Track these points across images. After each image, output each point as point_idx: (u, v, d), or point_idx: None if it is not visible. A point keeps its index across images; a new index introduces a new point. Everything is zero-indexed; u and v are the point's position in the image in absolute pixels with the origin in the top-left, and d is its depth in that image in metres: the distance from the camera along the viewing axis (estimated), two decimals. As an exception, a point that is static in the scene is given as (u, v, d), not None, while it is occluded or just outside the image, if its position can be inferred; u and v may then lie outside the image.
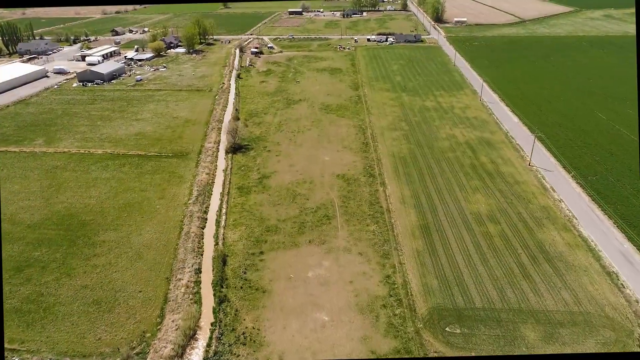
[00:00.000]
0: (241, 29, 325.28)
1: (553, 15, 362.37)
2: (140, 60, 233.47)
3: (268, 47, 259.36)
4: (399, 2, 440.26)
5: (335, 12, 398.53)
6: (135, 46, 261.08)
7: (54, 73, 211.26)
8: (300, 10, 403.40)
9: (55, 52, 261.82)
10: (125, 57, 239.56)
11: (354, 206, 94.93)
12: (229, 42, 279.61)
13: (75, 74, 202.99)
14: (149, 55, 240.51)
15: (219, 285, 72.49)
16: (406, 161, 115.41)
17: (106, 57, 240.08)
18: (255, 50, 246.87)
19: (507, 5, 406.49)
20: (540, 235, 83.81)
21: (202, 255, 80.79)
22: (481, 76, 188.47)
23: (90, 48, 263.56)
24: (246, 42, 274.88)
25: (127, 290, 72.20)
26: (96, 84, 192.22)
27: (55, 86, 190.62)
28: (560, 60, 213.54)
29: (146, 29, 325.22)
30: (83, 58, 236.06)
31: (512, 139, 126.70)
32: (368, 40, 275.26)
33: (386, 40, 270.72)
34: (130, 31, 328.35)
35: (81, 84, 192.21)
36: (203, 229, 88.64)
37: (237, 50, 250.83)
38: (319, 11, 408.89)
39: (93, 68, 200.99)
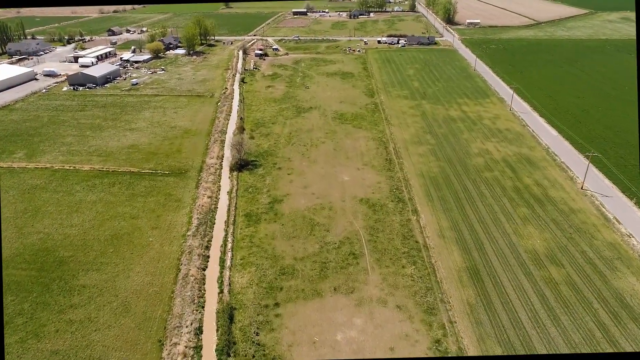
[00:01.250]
0: (244, 30, 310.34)
1: (569, 18, 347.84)
2: (137, 62, 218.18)
3: (273, 49, 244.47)
4: (406, 3, 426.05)
5: (341, 13, 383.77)
6: (132, 47, 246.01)
7: (44, 75, 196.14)
8: (305, 10, 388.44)
9: (47, 53, 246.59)
10: (121, 58, 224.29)
11: (384, 241, 79.81)
12: (232, 43, 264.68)
13: (66, 77, 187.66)
14: (146, 56, 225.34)
15: (225, 352, 57.30)
16: (438, 182, 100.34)
17: (101, 58, 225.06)
18: (260, 52, 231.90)
19: (518, 7, 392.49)
20: (616, 283, 68.71)
21: (203, 307, 65.59)
22: (507, 82, 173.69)
23: (84, 49, 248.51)
24: (250, 44, 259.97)
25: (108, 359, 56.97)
26: (88, 88, 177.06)
27: (44, 90, 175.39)
28: (588, 65, 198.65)
29: (144, 29, 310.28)
30: (76, 59, 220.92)
31: (556, 156, 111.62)
32: (378, 42, 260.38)
33: (397, 43, 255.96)
34: (128, 31, 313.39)
35: (72, 87, 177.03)
36: (204, 270, 73.47)
37: (240, 52, 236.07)
38: (324, 11, 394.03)
39: (85, 70, 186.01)
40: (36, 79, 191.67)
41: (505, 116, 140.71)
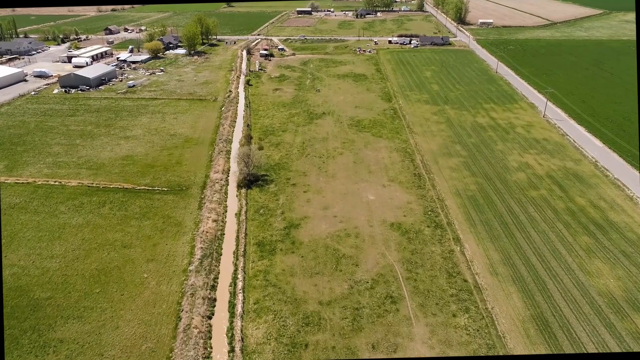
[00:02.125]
0: (247, 29, 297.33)
1: (583, 18, 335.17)
2: (134, 62, 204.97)
3: (279, 49, 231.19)
4: (414, 2, 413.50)
5: (347, 12, 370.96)
6: (130, 46, 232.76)
7: (34, 76, 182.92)
8: (310, 9, 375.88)
9: (39, 52, 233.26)
10: (117, 58, 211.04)
11: (426, 279, 66.51)
12: (234, 42, 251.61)
13: (57, 78, 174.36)
14: (144, 56, 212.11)
15: None
16: (478, 203, 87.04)
17: (96, 58, 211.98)
18: (265, 52, 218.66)
19: (529, 7, 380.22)
20: None
21: (210, 373, 52.28)
22: (534, 85, 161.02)
23: (79, 48, 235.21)
24: (254, 43, 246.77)
25: None
26: (81, 90, 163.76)
27: (33, 92, 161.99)
28: (617, 67, 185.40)
29: (143, 28, 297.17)
30: (69, 59, 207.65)
31: (607, 172, 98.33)
32: (389, 42, 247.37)
33: (410, 43, 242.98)
34: (126, 30, 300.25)
35: (63, 90, 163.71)
36: (210, 318, 60.08)
37: (244, 52, 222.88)
38: (330, 10, 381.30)
39: (78, 71, 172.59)
40: (26, 80, 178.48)
41: (540, 124, 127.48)
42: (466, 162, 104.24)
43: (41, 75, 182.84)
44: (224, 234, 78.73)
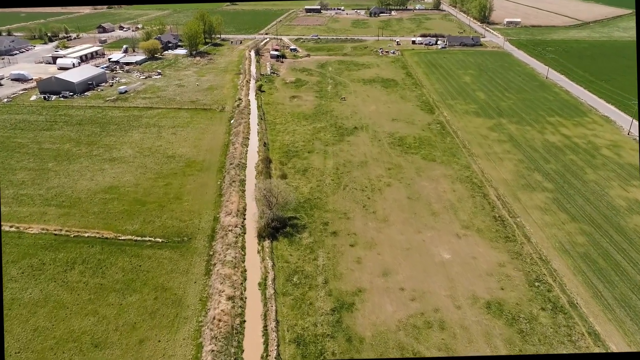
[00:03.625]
0: (253, 28, 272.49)
1: (615, 17, 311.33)
2: (128, 64, 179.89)
3: (291, 50, 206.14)
4: (429, 0, 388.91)
5: (359, 11, 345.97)
6: (124, 46, 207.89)
7: (11, 80, 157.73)
8: (319, 7, 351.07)
9: (22, 52, 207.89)
10: (109, 59, 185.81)
11: (575, 418, 41.41)
12: (241, 42, 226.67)
13: (37, 83, 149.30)
14: (140, 57, 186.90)
15: None
16: (599, 266, 61.97)
17: (85, 59, 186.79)
18: (276, 53, 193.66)
19: (549, 6, 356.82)
20: None
21: None
22: (597, 94, 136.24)
23: (67, 47, 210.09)
24: (262, 43, 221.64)
25: None
26: (63, 96, 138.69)
27: (6, 100, 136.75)
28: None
29: (140, 26, 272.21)
30: (54, 60, 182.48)
31: None
32: (413, 42, 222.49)
33: (436, 43, 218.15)
34: (121, 28, 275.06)
35: (42, 96, 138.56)
36: None
37: (253, 53, 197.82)
38: (340, 9, 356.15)
39: (60, 75, 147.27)
40: (0, 85, 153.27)
41: (628, 144, 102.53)
42: (557, 199, 79.13)
43: (19, 79, 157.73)
44: (244, 321, 53.49)
